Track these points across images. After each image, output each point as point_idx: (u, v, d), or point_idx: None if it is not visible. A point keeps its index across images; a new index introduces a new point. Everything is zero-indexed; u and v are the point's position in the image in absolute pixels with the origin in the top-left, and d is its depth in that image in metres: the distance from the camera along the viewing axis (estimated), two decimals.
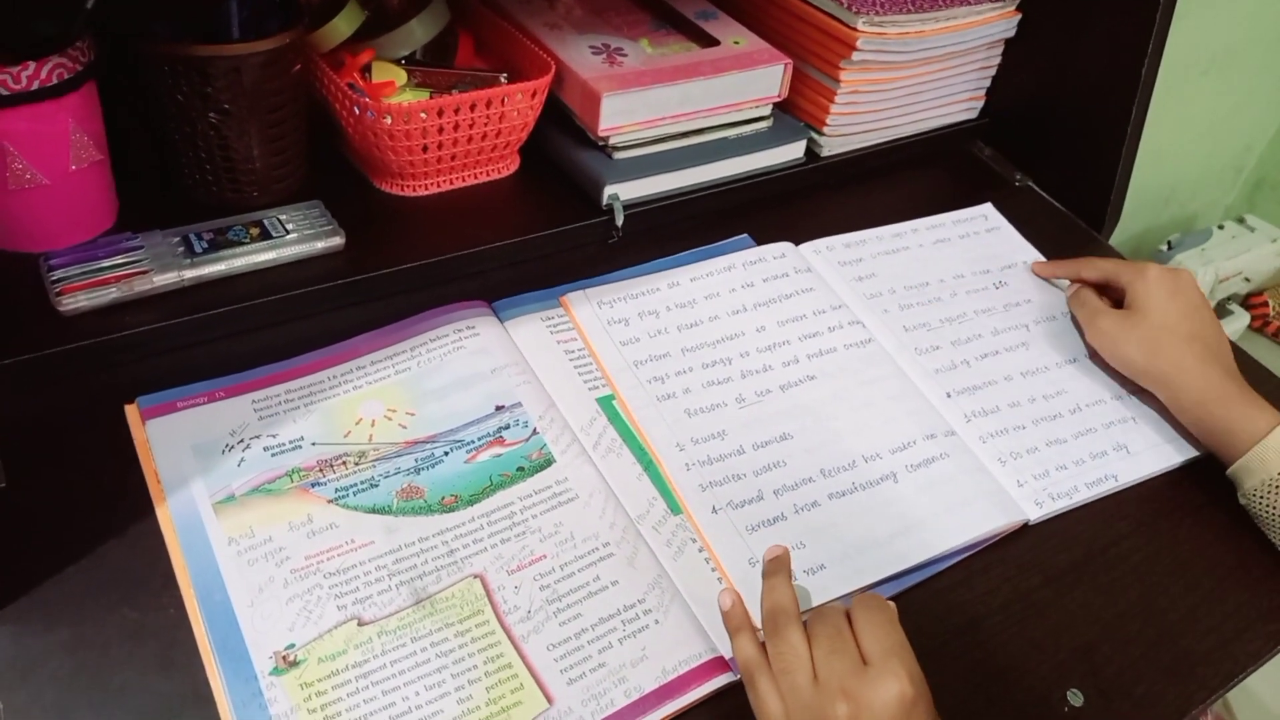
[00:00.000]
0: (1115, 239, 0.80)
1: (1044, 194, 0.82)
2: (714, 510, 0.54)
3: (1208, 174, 1.61)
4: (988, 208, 0.78)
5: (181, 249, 0.57)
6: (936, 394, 0.62)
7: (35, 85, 0.51)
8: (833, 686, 0.41)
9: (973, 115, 0.84)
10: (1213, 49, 1.40)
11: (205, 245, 0.58)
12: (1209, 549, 0.57)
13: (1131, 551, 0.56)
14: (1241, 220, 1.55)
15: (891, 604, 0.46)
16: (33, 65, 0.51)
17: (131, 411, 0.52)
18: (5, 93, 0.51)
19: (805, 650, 0.43)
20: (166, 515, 0.49)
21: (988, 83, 0.83)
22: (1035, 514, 0.57)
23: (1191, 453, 0.62)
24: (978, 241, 0.75)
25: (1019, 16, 0.78)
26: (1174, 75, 1.36)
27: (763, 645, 0.45)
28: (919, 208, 0.77)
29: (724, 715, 0.45)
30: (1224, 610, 0.54)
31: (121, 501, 0.49)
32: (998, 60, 0.81)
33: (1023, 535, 0.56)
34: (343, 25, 0.66)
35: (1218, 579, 0.55)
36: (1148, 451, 0.61)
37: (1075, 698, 0.49)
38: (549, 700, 0.45)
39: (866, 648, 0.42)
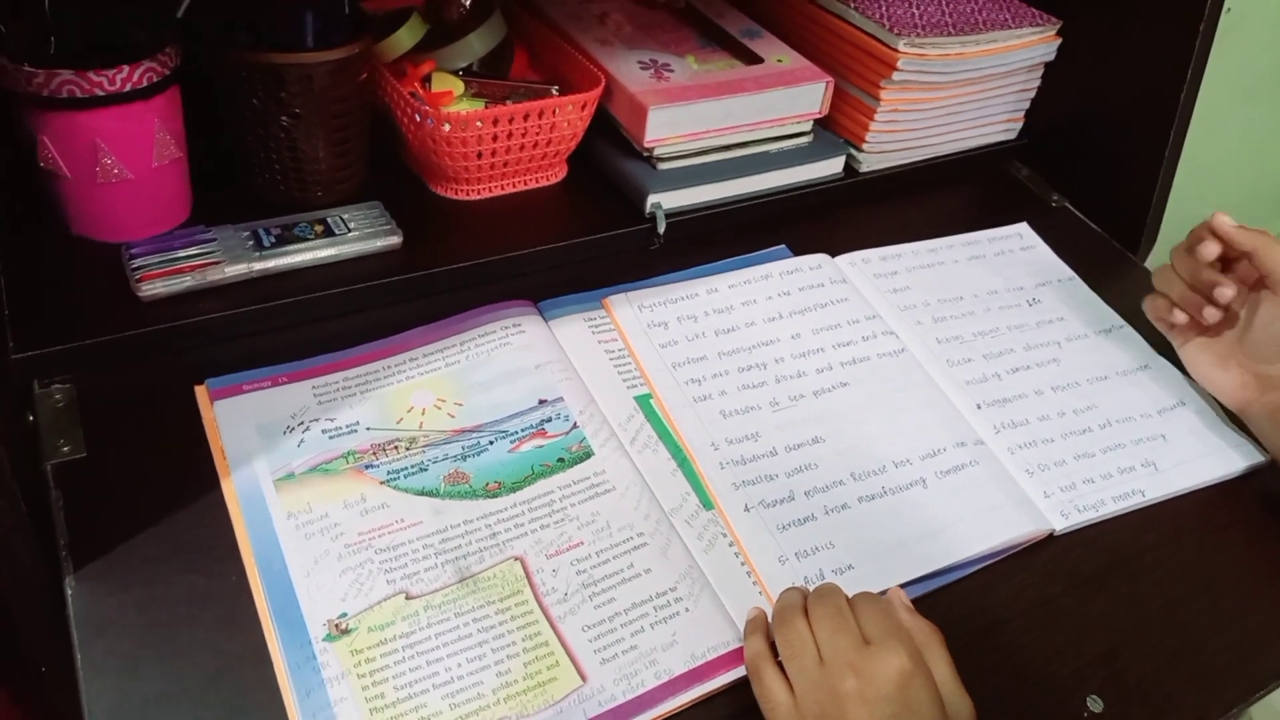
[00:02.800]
0: (1155, 262, 0.80)
1: (1081, 215, 0.83)
2: (746, 508, 0.56)
3: (1252, 199, 1.60)
4: (1023, 227, 0.80)
5: (251, 243, 0.61)
6: (967, 405, 0.64)
7: (127, 87, 0.55)
8: (839, 663, 0.43)
9: (1011, 136, 0.86)
10: (1257, 73, 1.39)
11: (273, 240, 0.62)
12: (1234, 566, 0.58)
13: (1155, 565, 0.57)
14: None
15: (898, 593, 0.50)
16: (126, 68, 0.55)
17: (201, 392, 0.56)
18: (100, 94, 0.55)
19: (809, 635, 0.45)
20: (231, 490, 0.52)
21: (1027, 104, 0.84)
22: (1061, 525, 0.58)
23: (1221, 473, 0.62)
24: (1012, 259, 0.77)
25: (1059, 40, 0.80)
26: (1215, 100, 1.35)
27: (772, 644, 0.47)
28: (955, 225, 0.78)
29: (750, 701, 0.47)
30: (1246, 626, 0.55)
31: (190, 475, 0.52)
32: (1037, 82, 0.83)
33: (1048, 544, 0.58)
34: (406, 37, 0.70)
35: (1241, 595, 0.56)
36: (1176, 469, 0.62)
37: (1095, 703, 0.51)
38: (583, 678, 0.47)
39: (867, 630, 0.45)
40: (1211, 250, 0.61)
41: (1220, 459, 0.63)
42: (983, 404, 0.64)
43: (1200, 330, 0.65)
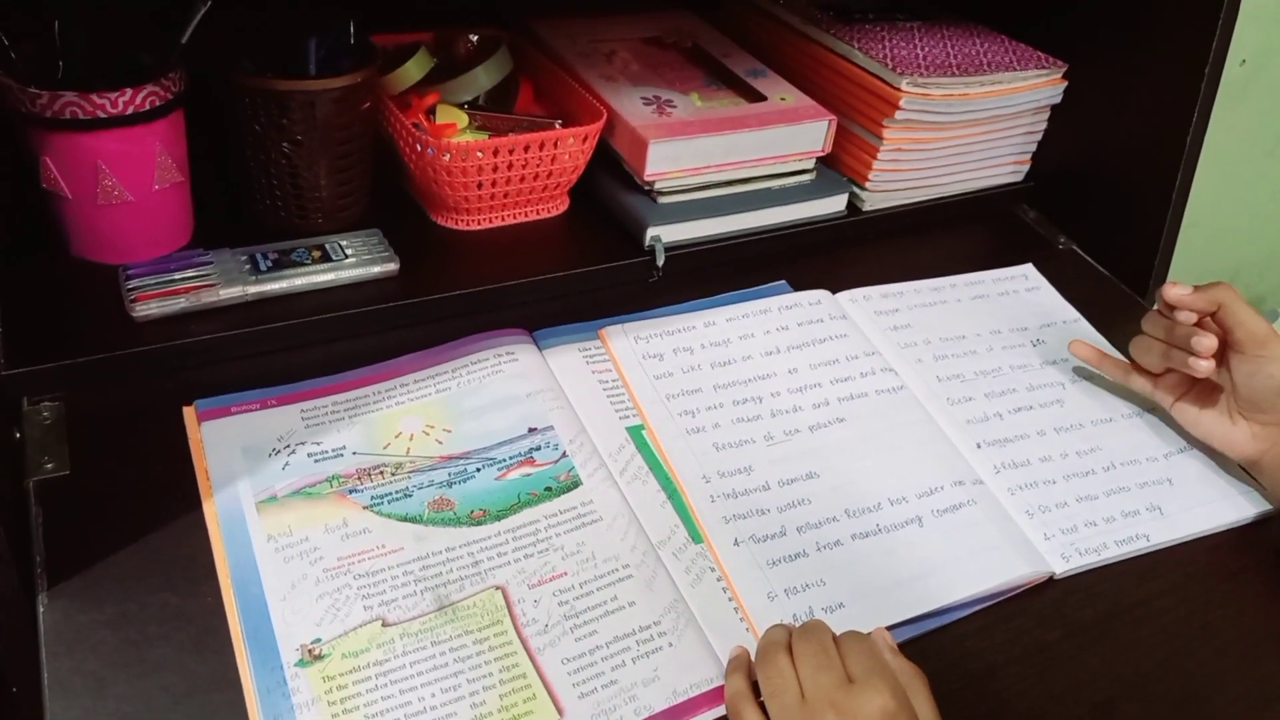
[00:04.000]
0: None
1: (1088, 258, 0.83)
2: (736, 543, 0.55)
3: (1273, 257, 1.58)
4: (1028, 268, 0.79)
5: (248, 266, 0.61)
6: (967, 444, 0.63)
7: (130, 110, 0.56)
8: (820, 701, 0.42)
9: (1018, 178, 0.86)
10: (1276, 131, 1.39)
11: (270, 264, 0.62)
12: (1242, 616, 0.56)
13: (1161, 612, 0.55)
14: None
15: (883, 634, 0.49)
16: (129, 91, 0.56)
17: (189, 413, 0.56)
18: (103, 115, 0.56)
19: (792, 673, 0.44)
20: (212, 510, 0.51)
21: (1033, 147, 0.84)
22: (1061, 568, 0.56)
23: (1228, 520, 0.61)
24: (1017, 300, 0.76)
25: (1065, 84, 0.80)
26: (1235, 157, 1.35)
27: (755, 684, 0.46)
28: (959, 265, 0.78)
29: None
30: (1254, 678, 0.52)
31: (172, 495, 0.52)
32: (1044, 125, 0.83)
33: (1047, 588, 0.56)
34: (413, 70, 0.71)
35: (1249, 646, 0.54)
36: (1182, 514, 0.60)
37: None
38: (559, 712, 0.46)
39: (851, 668, 0.43)
40: (1189, 317, 0.60)
41: (1228, 505, 0.61)
42: (983, 443, 0.63)
43: (1187, 388, 0.63)
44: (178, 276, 0.59)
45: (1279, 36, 1.27)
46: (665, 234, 0.70)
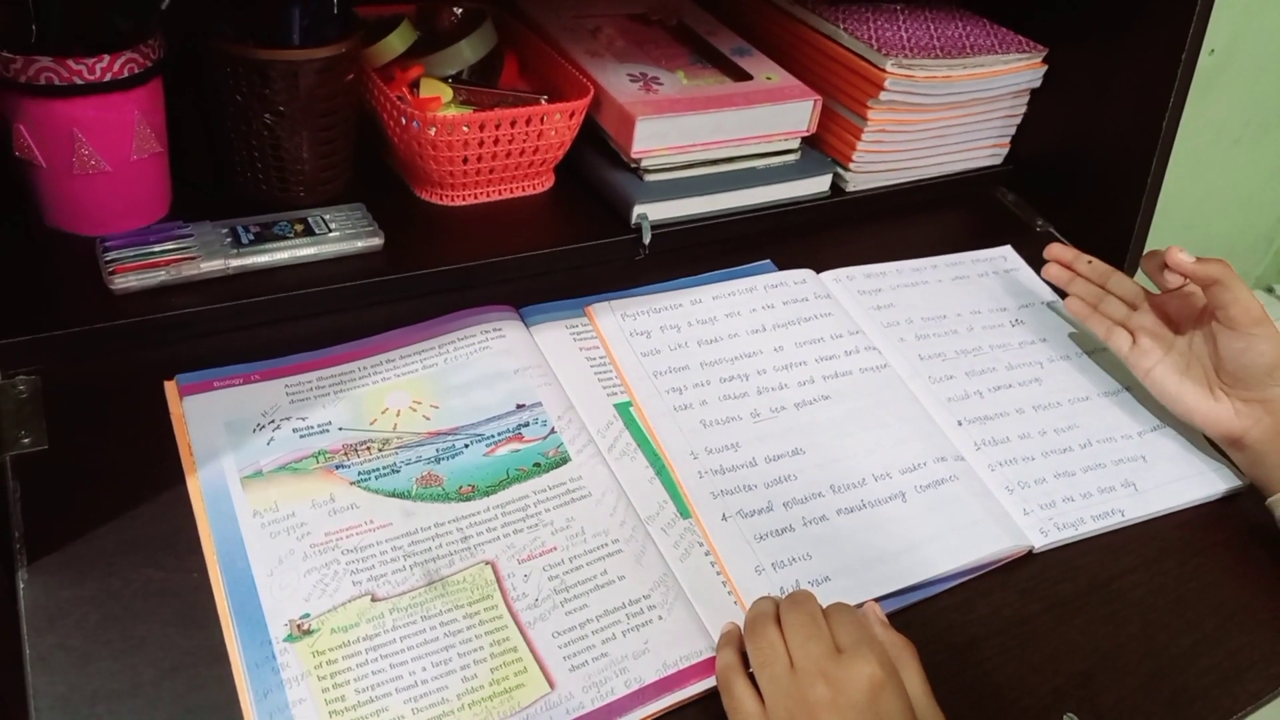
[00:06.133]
0: None
1: (1064, 240, 0.84)
2: (724, 518, 0.55)
3: (1238, 244, 1.62)
4: (1007, 249, 0.80)
5: (229, 239, 0.60)
6: (948, 421, 0.63)
7: (107, 77, 0.55)
8: (810, 670, 0.42)
9: (997, 161, 0.86)
10: (1244, 119, 1.42)
11: (251, 237, 0.61)
12: (1213, 590, 0.57)
13: (1135, 586, 0.57)
14: (1271, 290, 1.56)
15: (873, 607, 0.49)
16: (106, 58, 0.54)
17: (170, 388, 0.55)
18: (79, 82, 0.54)
19: (781, 643, 0.44)
20: (196, 486, 0.51)
21: (1013, 130, 0.85)
22: (1040, 542, 0.57)
23: (1200, 495, 0.62)
24: (996, 281, 0.77)
25: (1045, 68, 0.81)
26: (1205, 144, 1.38)
27: (743, 654, 0.46)
28: (940, 247, 0.79)
29: (722, 712, 0.46)
30: (1225, 649, 0.54)
31: (155, 470, 0.51)
32: (1023, 109, 0.84)
33: (1026, 562, 0.57)
34: (396, 42, 0.70)
35: (1220, 619, 0.56)
36: (1156, 490, 0.62)
37: None
38: (551, 685, 0.46)
39: (840, 639, 0.44)
40: (1177, 281, 0.62)
41: (1200, 481, 0.63)
42: (964, 420, 0.64)
43: (1160, 357, 0.64)
44: (157, 249, 0.58)
45: (1246, 27, 1.30)
46: (651, 212, 0.70)
